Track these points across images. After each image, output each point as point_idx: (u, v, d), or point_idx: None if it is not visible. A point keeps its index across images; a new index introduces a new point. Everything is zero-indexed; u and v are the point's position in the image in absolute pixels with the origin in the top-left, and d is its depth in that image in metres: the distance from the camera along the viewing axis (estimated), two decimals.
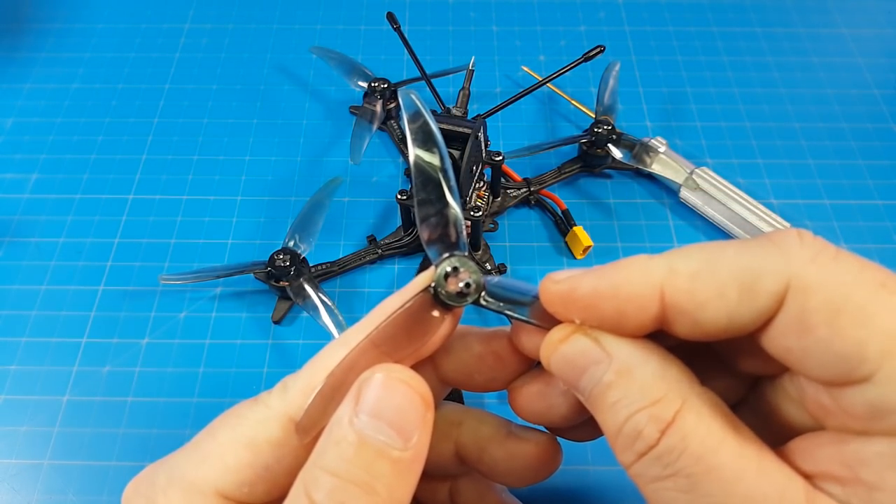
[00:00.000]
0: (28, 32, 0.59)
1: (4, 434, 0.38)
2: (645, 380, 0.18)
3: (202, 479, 0.20)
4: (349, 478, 0.17)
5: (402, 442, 0.18)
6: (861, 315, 0.16)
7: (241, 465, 0.20)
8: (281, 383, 0.21)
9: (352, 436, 0.18)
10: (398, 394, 0.18)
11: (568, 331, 0.20)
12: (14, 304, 0.42)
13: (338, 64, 0.53)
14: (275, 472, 0.20)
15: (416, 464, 0.19)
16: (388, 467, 0.18)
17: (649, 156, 0.46)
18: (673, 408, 0.17)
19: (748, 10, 0.60)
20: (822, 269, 0.17)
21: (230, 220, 0.46)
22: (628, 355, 0.19)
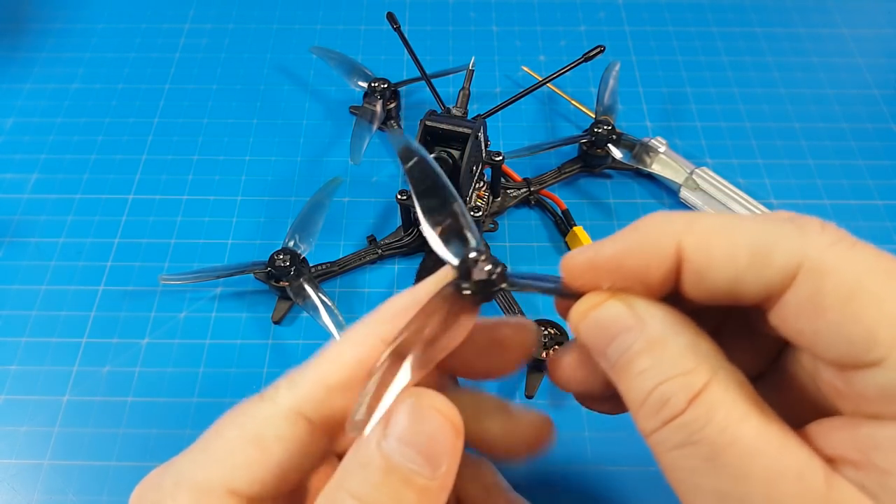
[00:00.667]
0: (28, 32, 0.59)
1: (4, 434, 0.38)
2: (677, 350, 0.18)
3: (211, 478, 0.19)
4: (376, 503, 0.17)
5: (431, 471, 0.18)
6: (874, 301, 0.16)
7: (250, 463, 0.19)
8: (286, 378, 0.21)
9: (379, 460, 0.17)
10: (430, 421, 0.18)
11: (601, 297, 0.20)
12: (14, 304, 0.42)
13: (338, 64, 0.53)
14: (284, 468, 0.20)
15: (443, 493, 0.18)
16: (415, 496, 0.17)
17: (649, 156, 0.46)
18: (702, 380, 0.18)
19: (748, 10, 0.60)
20: (839, 255, 0.17)
21: (230, 220, 0.46)
22: (661, 324, 0.19)
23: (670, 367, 0.18)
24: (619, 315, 0.19)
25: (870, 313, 0.16)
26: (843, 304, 0.17)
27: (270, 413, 0.20)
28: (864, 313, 0.16)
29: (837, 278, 0.17)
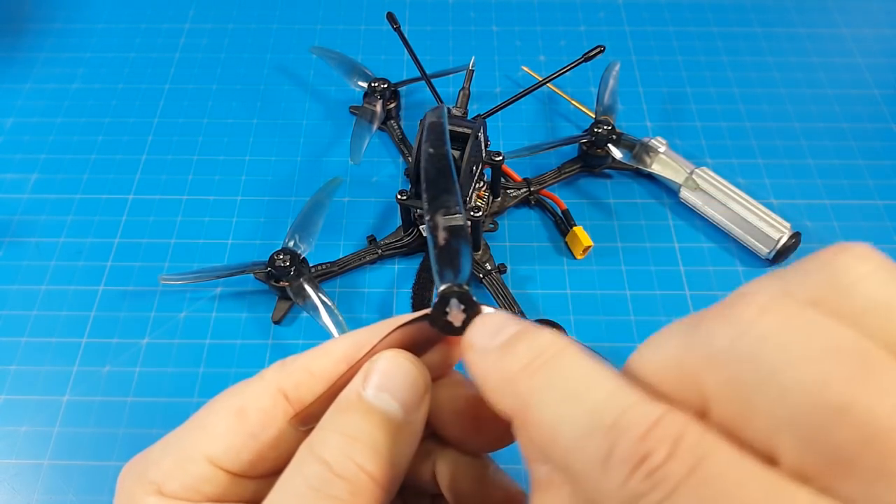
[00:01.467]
0: (28, 32, 0.59)
1: (4, 434, 0.38)
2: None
3: (193, 446, 0.20)
4: (357, 436, 0.19)
5: (405, 414, 0.20)
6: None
7: (229, 432, 0.20)
8: (280, 361, 0.22)
9: (359, 404, 0.19)
10: (403, 372, 0.20)
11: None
12: (14, 304, 0.42)
13: (338, 64, 0.53)
14: (261, 442, 0.21)
15: (414, 437, 0.20)
16: (392, 432, 0.19)
17: (649, 156, 0.46)
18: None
19: (748, 10, 0.60)
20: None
21: (230, 220, 0.46)
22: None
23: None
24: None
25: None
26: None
27: (256, 388, 0.21)
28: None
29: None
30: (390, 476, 0.19)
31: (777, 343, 0.14)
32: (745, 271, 0.44)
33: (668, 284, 0.43)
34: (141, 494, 0.20)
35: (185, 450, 0.21)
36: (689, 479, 0.13)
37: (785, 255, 0.43)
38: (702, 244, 0.45)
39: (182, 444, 0.21)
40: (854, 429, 0.12)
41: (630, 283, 0.43)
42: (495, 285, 0.41)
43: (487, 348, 0.18)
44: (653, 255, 0.44)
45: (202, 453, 0.20)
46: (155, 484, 0.20)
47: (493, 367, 0.18)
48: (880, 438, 0.12)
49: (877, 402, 0.12)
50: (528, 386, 0.17)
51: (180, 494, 0.20)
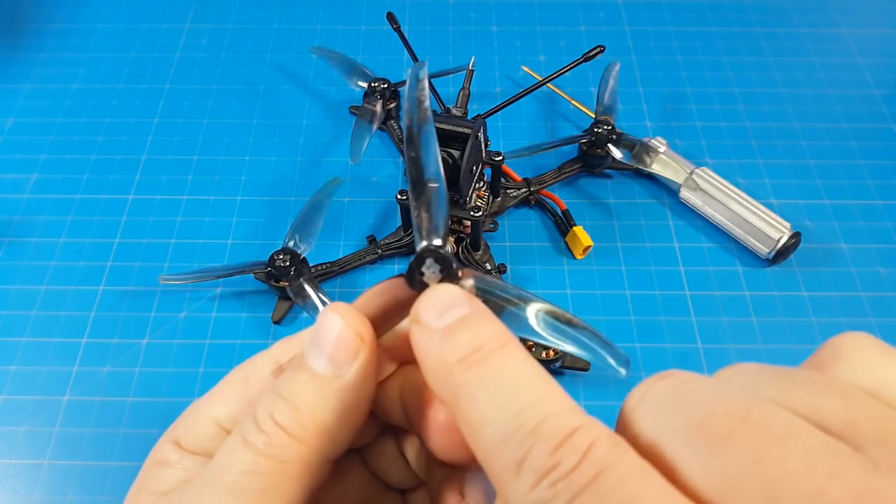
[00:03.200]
0: (28, 32, 0.59)
1: (4, 434, 0.38)
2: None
3: (206, 409, 0.23)
4: (280, 393, 0.20)
5: (333, 369, 0.20)
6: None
7: (234, 398, 0.23)
8: (287, 336, 0.24)
9: (298, 363, 0.20)
10: (333, 327, 0.20)
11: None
12: (14, 304, 0.42)
13: (338, 64, 0.53)
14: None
15: (348, 394, 0.20)
16: (313, 389, 0.20)
17: (649, 156, 0.46)
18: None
19: (748, 10, 0.60)
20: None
21: (230, 220, 0.46)
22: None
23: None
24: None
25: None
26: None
27: (261, 360, 0.23)
28: None
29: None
30: (313, 431, 0.20)
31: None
32: (745, 271, 0.44)
33: (668, 284, 0.43)
34: (165, 442, 0.23)
35: (200, 412, 0.23)
36: (589, 488, 0.14)
37: (785, 255, 0.43)
38: (702, 244, 0.45)
39: (200, 406, 0.23)
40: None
41: (630, 283, 0.43)
42: None
43: (431, 328, 0.18)
44: (653, 255, 0.44)
45: (210, 414, 0.22)
46: (175, 436, 0.23)
47: (434, 350, 0.18)
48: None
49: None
50: (461, 379, 0.17)
51: (190, 447, 0.22)
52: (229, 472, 0.19)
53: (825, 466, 0.13)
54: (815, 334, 0.41)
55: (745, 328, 0.41)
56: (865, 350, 0.16)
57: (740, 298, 0.42)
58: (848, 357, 0.16)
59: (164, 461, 0.22)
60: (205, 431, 0.22)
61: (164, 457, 0.23)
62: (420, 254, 0.20)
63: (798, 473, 0.13)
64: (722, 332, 0.41)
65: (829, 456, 0.13)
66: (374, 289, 0.21)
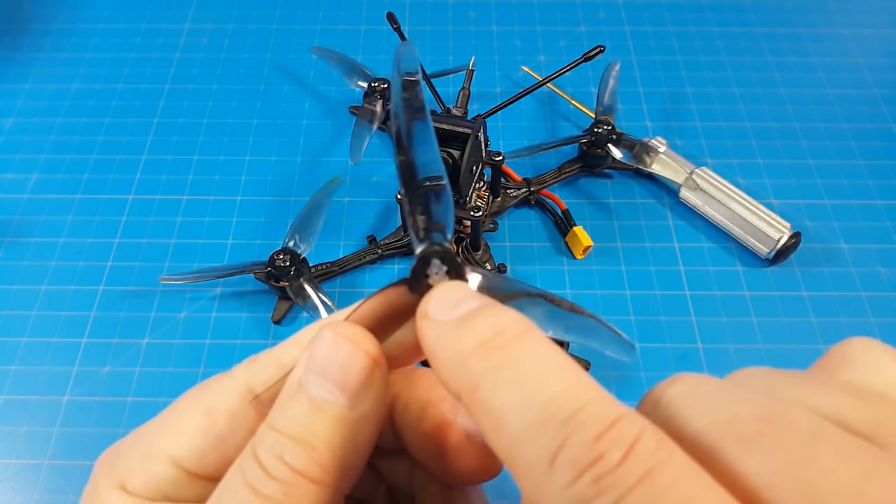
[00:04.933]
0: (28, 32, 0.59)
1: (4, 434, 0.38)
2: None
3: (158, 445, 0.20)
4: (289, 433, 0.17)
5: (347, 400, 0.18)
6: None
7: (195, 433, 0.20)
8: (252, 356, 0.21)
9: (298, 393, 0.18)
10: (342, 352, 0.18)
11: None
12: (14, 304, 0.42)
13: (338, 64, 0.53)
14: (227, 444, 0.20)
15: (363, 424, 0.18)
16: (330, 425, 0.17)
17: (649, 156, 0.46)
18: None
19: (748, 10, 0.60)
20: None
21: (230, 220, 0.46)
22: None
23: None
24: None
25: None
26: None
27: (225, 386, 0.20)
28: None
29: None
30: (334, 472, 0.18)
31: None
32: (745, 271, 0.44)
33: (668, 284, 0.43)
34: (106, 488, 0.20)
35: (150, 448, 0.20)
36: (639, 488, 0.13)
37: (785, 255, 0.43)
38: (702, 244, 0.45)
39: (148, 441, 0.20)
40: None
41: (630, 283, 0.43)
42: None
43: (443, 320, 0.17)
44: (653, 255, 0.44)
45: (166, 453, 0.19)
46: (120, 479, 0.20)
47: (447, 340, 0.16)
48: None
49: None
50: (481, 365, 0.15)
51: (141, 493, 0.19)
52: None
53: (858, 465, 0.13)
54: (815, 334, 0.41)
55: (745, 328, 0.41)
56: (874, 353, 0.16)
57: (740, 298, 0.42)
58: (857, 361, 0.16)
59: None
60: (160, 474, 0.19)
61: (107, 502, 0.19)
62: (423, 255, 0.18)
63: (834, 472, 0.13)
64: (722, 332, 0.41)
65: (859, 455, 0.13)
66: (372, 299, 0.19)
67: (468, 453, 0.20)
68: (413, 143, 0.20)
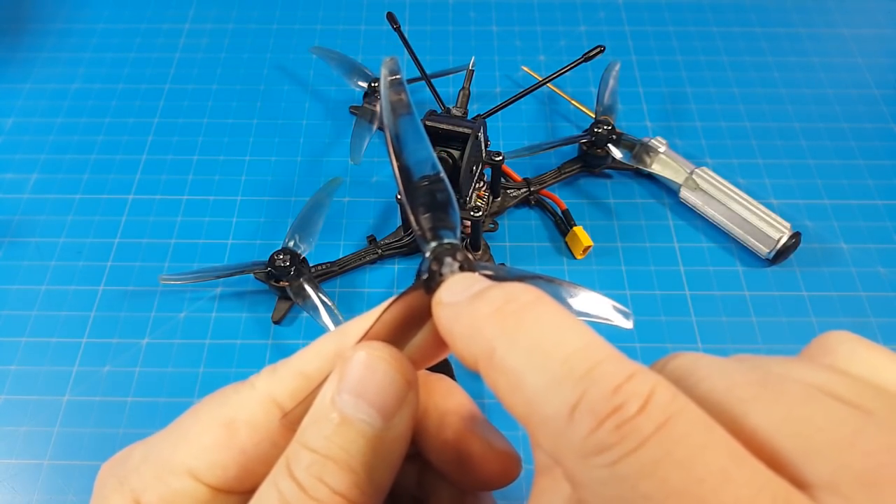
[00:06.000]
0: (28, 32, 0.59)
1: (4, 434, 0.38)
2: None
3: (176, 457, 0.19)
4: (328, 454, 0.17)
5: (383, 421, 0.18)
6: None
7: (216, 446, 0.19)
8: (268, 367, 0.21)
9: (333, 414, 0.18)
10: (379, 373, 0.18)
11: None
12: (14, 304, 0.42)
13: (338, 64, 0.53)
14: (250, 457, 0.19)
15: (398, 444, 0.18)
16: (368, 446, 0.18)
17: (649, 156, 0.46)
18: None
19: (748, 10, 0.60)
20: (584, 472, 0.15)
21: (230, 220, 0.46)
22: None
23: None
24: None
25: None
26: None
27: (246, 398, 0.20)
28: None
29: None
30: (370, 490, 0.18)
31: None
32: (745, 271, 0.44)
33: (668, 284, 0.43)
34: (118, 502, 0.19)
35: (166, 460, 0.19)
36: (658, 436, 0.13)
37: (785, 255, 0.43)
38: (702, 244, 0.45)
39: (164, 453, 0.19)
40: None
41: (630, 283, 0.43)
42: None
43: (458, 301, 0.17)
44: (653, 255, 0.44)
45: (185, 466, 0.19)
46: (133, 492, 0.19)
47: (461, 314, 0.17)
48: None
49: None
50: (496, 330, 0.16)
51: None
52: None
53: (849, 424, 0.14)
54: (815, 334, 0.40)
55: (745, 328, 0.41)
56: (852, 343, 0.18)
57: (740, 298, 0.42)
58: (836, 350, 0.18)
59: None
60: (179, 488, 0.19)
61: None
62: (437, 255, 0.18)
63: (827, 429, 0.14)
64: (722, 332, 0.41)
65: (848, 416, 0.14)
66: (392, 308, 0.19)
67: (490, 460, 0.20)
68: (404, 144, 0.20)
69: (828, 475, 0.13)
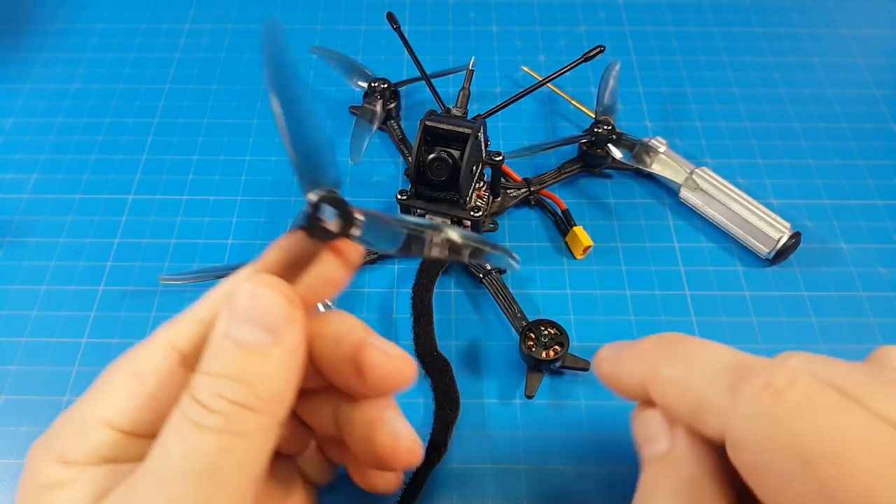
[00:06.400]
0: (28, 32, 0.59)
1: (4, 434, 0.38)
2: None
3: (92, 413, 0.21)
4: (227, 374, 0.19)
5: (273, 339, 0.20)
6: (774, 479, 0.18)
7: (127, 395, 0.21)
8: (169, 320, 0.22)
9: (226, 342, 0.20)
10: (263, 298, 0.20)
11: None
12: (14, 304, 0.42)
13: (338, 64, 0.53)
14: (159, 401, 0.21)
15: (291, 359, 0.20)
16: (261, 362, 0.19)
17: (649, 156, 0.46)
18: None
19: (748, 10, 0.60)
20: (752, 428, 0.19)
21: (230, 220, 0.46)
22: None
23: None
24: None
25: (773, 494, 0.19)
26: (752, 479, 0.19)
27: (149, 349, 0.22)
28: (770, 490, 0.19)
29: (746, 456, 0.19)
30: (268, 400, 0.19)
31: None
32: (745, 271, 0.44)
33: (668, 284, 0.43)
34: (45, 466, 0.20)
35: (84, 418, 0.21)
36: (808, 404, 0.17)
37: (785, 255, 0.43)
38: (702, 244, 0.45)
39: (81, 413, 0.21)
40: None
41: (630, 283, 0.43)
42: (495, 285, 0.41)
43: (615, 354, 0.25)
44: (653, 255, 0.44)
45: (101, 418, 0.21)
46: (57, 453, 0.20)
47: (623, 355, 0.23)
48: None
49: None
50: (656, 356, 0.22)
51: (82, 460, 0.20)
52: (191, 457, 0.18)
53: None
54: (815, 334, 0.41)
55: (745, 328, 0.41)
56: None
57: (740, 298, 0.42)
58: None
59: (51, 483, 0.20)
60: (98, 439, 0.20)
61: (50, 479, 0.20)
62: (314, 203, 0.20)
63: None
64: (722, 332, 0.41)
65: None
66: (275, 248, 0.21)
67: (386, 364, 0.23)
68: (288, 121, 0.21)
69: None
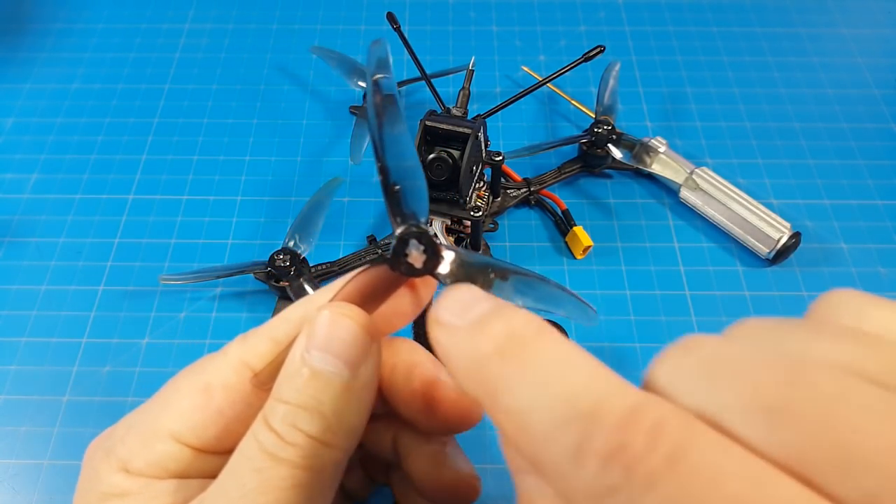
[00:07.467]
0: (28, 32, 0.59)
1: (4, 434, 0.38)
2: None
3: (159, 424, 0.21)
4: (300, 404, 0.19)
5: (350, 371, 0.19)
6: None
7: (195, 409, 0.21)
8: (240, 336, 0.22)
9: (303, 369, 0.19)
10: (342, 328, 0.20)
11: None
12: (14, 304, 0.42)
13: (338, 64, 0.53)
14: (227, 417, 0.21)
15: (365, 392, 0.20)
16: (336, 394, 0.19)
17: (649, 156, 0.46)
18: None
19: (748, 10, 0.60)
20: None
21: (230, 220, 0.46)
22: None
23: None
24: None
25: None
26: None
27: (220, 364, 0.22)
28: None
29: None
30: (342, 435, 0.19)
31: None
32: (745, 271, 0.44)
33: (668, 284, 0.43)
34: (107, 472, 0.20)
35: (150, 427, 0.21)
36: (671, 472, 0.12)
37: (785, 255, 0.43)
38: (702, 244, 0.45)
39: (147, 421, 0.21)
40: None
41: (630, 283, 0.43)
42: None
43: (456, 325, 0.17)
44: (653, 255, 0.44)
45: (168, 430, 0.20)
46: (121, 461, 0.20)
47: (462, 347, 0.16)
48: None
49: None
50: (500, 371, 0.15)
51: (145, 472, 0.20)
52: (266, 490, 0.18)
53: (892, 420, 0.12)
54: None
55: None
56: (858, 302, 0.16)
57: (740, 298, 0.42)
58: (843, 311, 0.16)
59: (114, 492, 0.20)
60: (163, 451, 0.20)
61: (113, 487, 0.20)
62: (401, 236, 0.20)
63: (868, 432, 0.12)
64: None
65: (890, 409, 0.12)
66: (357, 278, 0.21)
67: (455, 403, 0.22)
68: (385, 146, 0.21)
69: (872, 488, 0.12)
